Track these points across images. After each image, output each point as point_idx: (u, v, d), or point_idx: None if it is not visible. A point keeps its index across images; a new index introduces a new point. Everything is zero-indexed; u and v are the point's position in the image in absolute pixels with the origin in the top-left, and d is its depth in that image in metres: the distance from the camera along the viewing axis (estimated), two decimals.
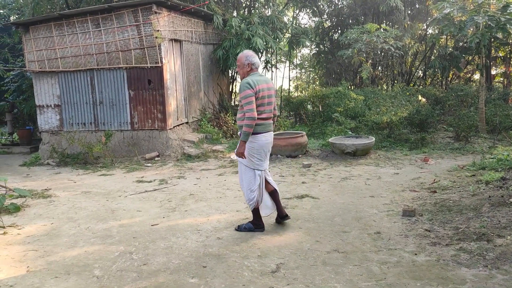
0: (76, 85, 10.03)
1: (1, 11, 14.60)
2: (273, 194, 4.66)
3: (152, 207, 5.74)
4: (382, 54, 14.16)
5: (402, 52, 13.34)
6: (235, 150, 4.49)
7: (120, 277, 3.54)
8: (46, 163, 9.79)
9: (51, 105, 10.30)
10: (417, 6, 15.35)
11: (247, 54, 4.43)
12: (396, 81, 15.73)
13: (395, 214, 4.96)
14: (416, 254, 3.79)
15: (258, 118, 4.29)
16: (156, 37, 9.13)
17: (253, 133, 4.34)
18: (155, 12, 9.09)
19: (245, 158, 4.40)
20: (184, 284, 3.38)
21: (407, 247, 3.95)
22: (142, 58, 9.38)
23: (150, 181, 7.37)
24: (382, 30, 12.64)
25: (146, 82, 9.51)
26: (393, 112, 10.31)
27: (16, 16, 14.58)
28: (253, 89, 4.26)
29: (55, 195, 6.64)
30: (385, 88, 15.61)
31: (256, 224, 4.59)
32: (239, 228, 4.60)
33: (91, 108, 10.02)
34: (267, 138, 4.48)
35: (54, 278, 3.57)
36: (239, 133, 4.52)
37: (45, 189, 7.04)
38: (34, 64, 10.21)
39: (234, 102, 14.84)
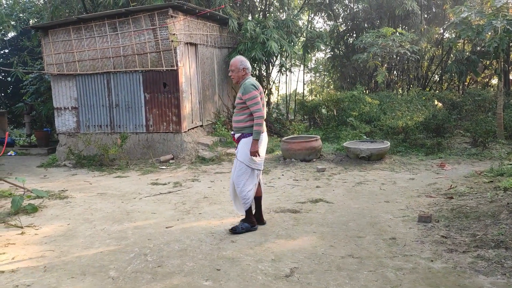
0: (93, 88, 10.17)
1: (21, 15, 14.90)
2: (258, 200, 4.83)
3: (167, 209, 5.78)
4: (398, 58, 14.05)
5: (418, 56, 13.22)
6: (237, 153, 4.60)
7: (135, 279, 3.57)
8: (63, 165, 9.94)
9: (68, 108, 10.46)
10: (433, 10, 15.21)
11: (241, 59, 4.61)
12: (412, 86, 15.60)
13: (411, 219, 4.90)
14: (432, 260, 3.74)
15: None
16: (172, 41, 9.21)
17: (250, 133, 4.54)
18: (171, 16, 9.18)
19: (259, 156, 4.56)
20: (198, 287, 3.39)
21: (423, 254, 3.90)
22: (157, 61, 9.47)
23: (165, 184, 7.43)
24: (398, 34, 12.55)
25: (162, 85, 9.60)
26: (408, 117, 10.22)
27: (35, 20, 14.88)
28: (257, 90, 4.49)
29: (71, 196, 6.73)
30: (400, 92, 15.48)
31: (251, 222, 4.70)
32: (236, 230, 4.62)
33: (107, 111, 10.15)
34: (265, 137, 4.72)
35: (71, 278, 3.62)
36: (237, 136, 4.64)
37: (62, 190, 7.14)
38: (52, 67, 10.39)
39: None
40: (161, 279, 3.54)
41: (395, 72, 15.92)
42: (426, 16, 15.24)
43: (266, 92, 14.80)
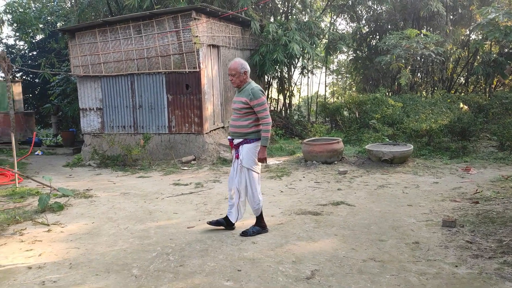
0: (117, 89, 10.36)
1: (49, 18, 15.32)
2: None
3: (188, 209, 5.83)
4: (422, 60, 13.84)
5: (443, 58, 13.00)
6: (242, 160, 4.48)
7: (157, 277, 3.62)
8: (88, 164, 10.15)
9: (93, 108, 10.68)
10: (459, 11, 14.92)
11: (241, 62, 4.49)
12: (436, 88, 15.34)
13: (435, 224, 4.81)
14: (456, 266, 3.67)
15: None
16: (195, 43, 9.31)
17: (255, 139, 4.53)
18: (194, 19, 9.27)
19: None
20: (219, 287, 3.41)
21: (447, 259, 3.83)
22: (180, 63, 9.58)
23: (186, 184, 7.50)
24: (422, 35, 12.37)
25: (184, 87, 9.70)
26: (433, 120, 10.05)
27: (63, 23, 15.28)
28: (264, 95, 4.47)
29: (95, 195, 6.86)
30: (424, 95, 15.24)
31: (262, 226, 4.69)
32: (247, 234, 4.59)
33: (131, 112, 10.31)
34: None
35: (95, 275, 3.69)
36: (237, 141, 4.55)
37: (87, 189, 7.29)
38: (78, 68, 10.62)
39: (270, 107, 14.87)
40: (183, 278, 3.58)
41: (419, 74, 15.69)
42: (451, 17, 14.95)
43: (288, 94, 14.79)
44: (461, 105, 12.51)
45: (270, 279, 3.53)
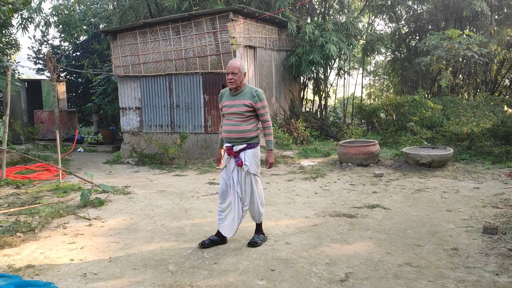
0: (156, 89, 10.62)
1: (92, 20, 15.88)
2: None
3: None
4: (464, 61, 13.40)
5: (486, 60, 12.53)
6: (247, 165, 4.23)
7: (192, 274, 3.69)
8: (126, 162, 10.45)
9: (132, 108, 10.99)
10: (505, 10, 14.34)
11: (242, 62, 4.27)
12: (479, 90, 14.81)
13: (475, 230, 4.66)
14: (497, 274, 3.54)
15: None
16: (232, 44, 9.41)
17: (258, 143, 4.39)
18: (232, 20, 9.38)
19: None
20: (253, 286, 3.44)
21: (487, 266, 3.70)
22: (217, 63, 9.71)
23: None
24: (465, 36, 11.98)
25: (221, 87, 9.82)
26: (474, 123, 9.72)
27: (105, 25, 15.80)
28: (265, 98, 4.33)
29: (134, 192, 7.06)
30: (466, 97, 14.75)
31: (264, 233, 4.52)
32: (257, 244, 4.32)
33: (168, 111, 10.55)
34: None
35: (133, 269, 3.81)
36: (238, 148, 4.27)
37: (125, 186, 7.52)
38: (119, 69, 10.97)
39: (305, 108, 14.82)
40: (217, 276, 3.64)
41: (460, 76, 15.20)
42: (496, 17, 14.40)
43: (324, 95, 14.68)
44: (506, 108, 12.03)
45: (304, 280, 3.53)
